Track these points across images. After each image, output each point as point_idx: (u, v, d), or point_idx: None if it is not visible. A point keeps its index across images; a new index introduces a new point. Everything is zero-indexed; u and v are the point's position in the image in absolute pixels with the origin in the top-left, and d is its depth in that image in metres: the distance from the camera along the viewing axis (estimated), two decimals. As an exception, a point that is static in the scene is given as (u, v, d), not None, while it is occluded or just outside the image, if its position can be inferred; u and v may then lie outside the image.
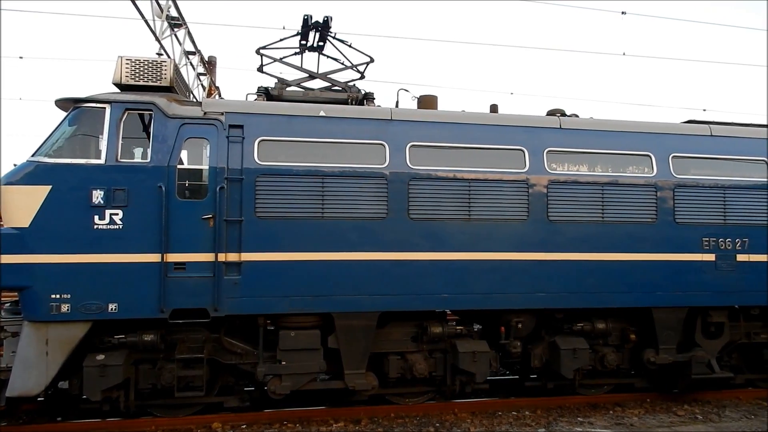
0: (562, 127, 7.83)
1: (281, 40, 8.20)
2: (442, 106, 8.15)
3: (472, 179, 7.34)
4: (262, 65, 8.16)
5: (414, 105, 8.15)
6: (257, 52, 8.07)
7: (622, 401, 8.31)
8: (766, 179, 8.23)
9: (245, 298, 6.75)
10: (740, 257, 8.05)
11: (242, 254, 6.74)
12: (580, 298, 7.60)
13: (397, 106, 7.93)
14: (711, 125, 8.46)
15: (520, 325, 7.75)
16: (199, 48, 13.64)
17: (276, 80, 7.96)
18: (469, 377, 7.60)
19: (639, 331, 8.14)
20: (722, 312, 8.24)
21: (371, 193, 7.09)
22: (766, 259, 8.10)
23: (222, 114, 6.94)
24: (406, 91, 8.27)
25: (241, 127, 6.92)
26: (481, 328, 8.10)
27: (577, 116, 8.27)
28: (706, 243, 7.98)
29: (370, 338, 7.16)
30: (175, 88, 7.27)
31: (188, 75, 12.89)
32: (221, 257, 6.68)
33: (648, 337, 8.09)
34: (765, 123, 9.00)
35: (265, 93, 7.76)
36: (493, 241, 7.36)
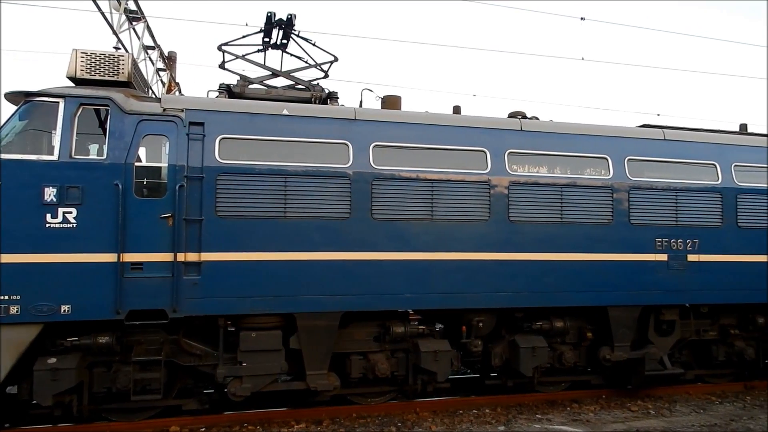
0: (522, 129, 7.96)
1: (244, 36, 8.08)
2: (405, 106, 8.18)
3: (435, 180, 7.40)
4: (224, 62, 8.02)
5: (378, 105, 8.16)
6: (219, 48, 7.93)
7: (579, 398, 8.52)
8: (715, 182, 8.57)
9: (205, 299, 6.63)
10: (691, 257, 8.35)
11: (202, 254, 6.62)
12: (540, 297, 7.75)
13: (360, 105, 7.93)
14: (664, 129, 8.74)
15: (481, 324, 7.86)
16: (158, 43, 13.33)
17: (238, 77, 7.84)
18: (430, 376, 7.65)
19: (595, 330, 8.36)
20: (674, 310, 8.53)
21: (334, 193, 7.07)
22: (714, 259, 8.43)
23: (182, 111, 6.80)
24: (370, 91, 8.28)
25: (201, 124, 6.79)
26: (442, 328, 8.17)
27: (537, 119, 8.43)
28: (659, 243, 8.24)
29: (333, 338, 7.13)
30: (133, 84, 7.09)
31: (147, 70, 12.58)
32: (180, 257, 6.54)
33: (603, 335, 8.31)
34: (715, 128, 9.37)
35: (227, 90, 7.64)
36: (456, 241, 7.43)
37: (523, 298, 7.70)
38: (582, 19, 12.32)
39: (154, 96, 8.87)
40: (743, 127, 10.04)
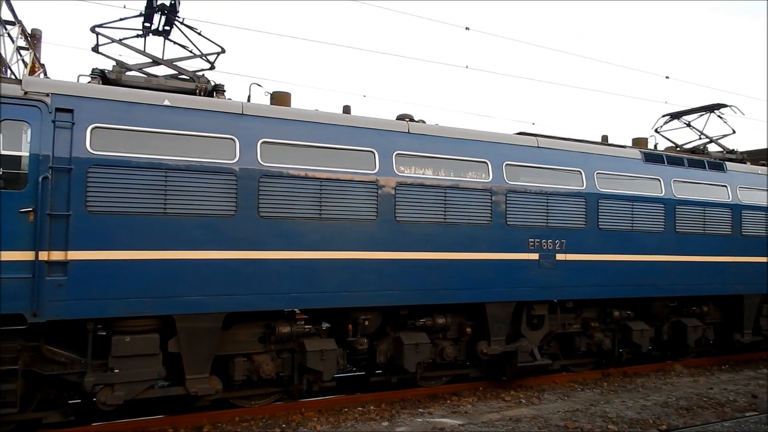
0: (410, 131, 8.18)
1: (121, 20, 7.53)
2: (295, 103, 8.08)
3: (323, 178, 7.38)
4: (97, 45, 7.42)
5: (266, 101, 7.98)
6: (92, 30, 7.32)
7: (458, 391, 8.93)
8: (580, 188, 9.35)
9: (72, 301, 6.08)
10: (559, 256, 9.06)
11: (69, 252, 6.07)
12: (424, 295, 8.00)
13: (249, 100, 7.71)
14: (538, 137, 9.40)
15: (367, 323, 7.96)
16: (19, 18, 12.06)
17: (114, 63, 7.29)
18: (316, 376, 7.63)
19: (474, 325, 8.80)
20: (543, 305, 9.21)
21: (219, 190, 6.81)
22: (578, 258, 9.21)
23: (47, 95, 6.19)
24: (259, 86, 8.06)
25: (70, 111, 6.23)
26: (329, 327, 8.17)
27: (424, 122, 8.70)
28: (532, 243, 8.85)
29: (215, 340, 6.86)
30: (-12, 62, 6.34)
31: (5, 48, 11.33)
32: (43, 256, 5.95)
33: (481, 330, 8.77)
34: (580, 138, 10.23)
35: (100, 76, 7.07)
36: (343, 240, 7.46)
37: (409, 296, 7.91)
38: (467, 29, 12.86)
39: (13, 77, 8.00)
40: (604, 139, 11.07)
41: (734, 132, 12.30)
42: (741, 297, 11.17)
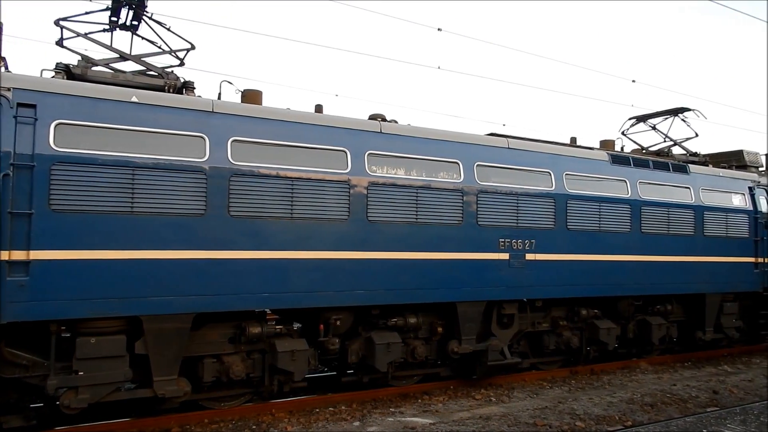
0: (382, 131, 8.19)
1: (87, 13, 7.34)
2: (266, 102, 8.01)
3: (295, 178, 7.33)
4: (62, 38, 7.22)
5: (237, 98, 7.89)
6: (56, 23, 7.13)
7: (430, 390, 8.97)
8: (549, 189, 9.50)
9: (34, 302, 5.91)
10: (528, 256, 9.18)
11: (31, 252, 5.90)
12: (396, 294, 8.02)
13: (219, 98, 7.60)
14: (509, 139, 9.51)
15: (338, 323, 7.94)
16: (-21, 10, 11.64)
17: (79, 57, 7.11)
18: (287, 376, 7.58)
19: (445, 324, 8.85)
20: (513, 304, 9.32)
21: (188, 188, 6.70)
22: (547, 258, 9.35)
23: (9, 90, 6.00)
24: (230, 83, 7.96)
25: (33, 106, 6.05)
26: (300, 327, 8.13)
27: (396, 122, 8.72)
28: (502, 243, 8.95)
29: (184, 341, 6.75)
30: (-55, 55, 6.11)
31: (-36, 40, 10.92)
32: (4, 255, 5.77)
33: (452, 329, 8.83)
34: (550, 140, 10.39)
35: (65, 70, 6.88)
36: (315, 240, 7.43)
37: (380, 296, 7.91)
38: (439, 29, 12.91)
39: (-28, 71, 7.73)
40: (573, 140, 11.27)
41: (697, 135, 12.65)
42: (703, 296, 11.51)
